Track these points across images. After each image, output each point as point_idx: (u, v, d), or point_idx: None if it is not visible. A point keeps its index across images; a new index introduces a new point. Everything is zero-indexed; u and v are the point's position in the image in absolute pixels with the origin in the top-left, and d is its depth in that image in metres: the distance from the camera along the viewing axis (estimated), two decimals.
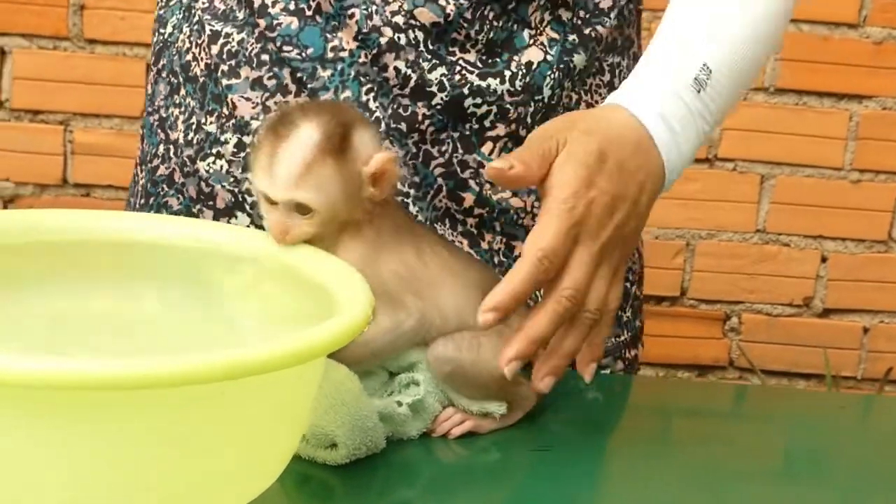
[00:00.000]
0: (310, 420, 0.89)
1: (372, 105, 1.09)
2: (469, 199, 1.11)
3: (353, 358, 0.95)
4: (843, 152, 2.36)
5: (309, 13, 1.09)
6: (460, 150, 1.10)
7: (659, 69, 1.01)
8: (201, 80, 1.14)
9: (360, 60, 1.08)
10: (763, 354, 2.44)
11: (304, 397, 0.82)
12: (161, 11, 1.21)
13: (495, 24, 1.08)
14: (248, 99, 1.11)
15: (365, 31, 1.07)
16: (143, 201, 1.20)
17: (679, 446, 1.06)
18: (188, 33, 1.15)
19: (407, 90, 1.08)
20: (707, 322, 2.43)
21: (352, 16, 1.08)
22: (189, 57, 1.15)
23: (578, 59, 1.12)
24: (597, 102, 1.14)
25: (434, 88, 1.08)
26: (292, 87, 1.10)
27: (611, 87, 1.16)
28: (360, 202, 0.95)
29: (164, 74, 1.18)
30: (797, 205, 2.38)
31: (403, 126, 1.09)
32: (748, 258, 2.40)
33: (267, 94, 1.11)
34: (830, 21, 2.31)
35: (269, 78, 1.11)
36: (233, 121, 1.12)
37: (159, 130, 1.18)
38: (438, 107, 1.08)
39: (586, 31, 1.13)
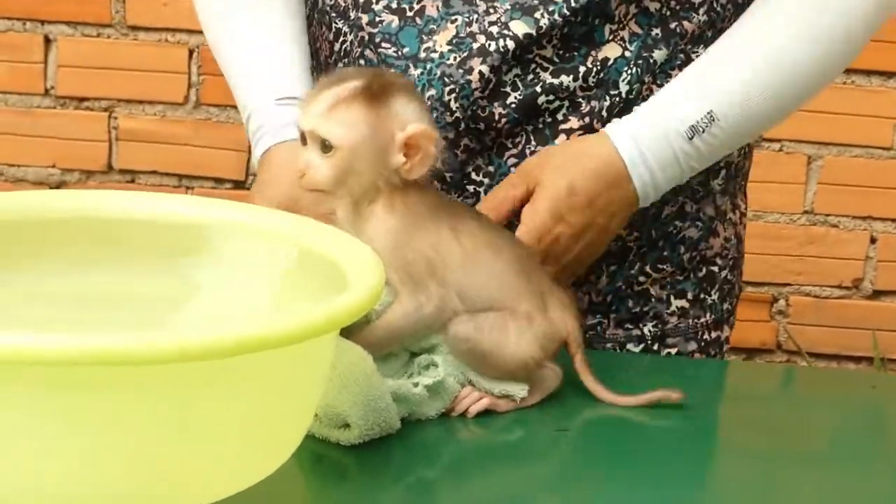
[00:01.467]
0: (322, 399, 0.88)
1: (453, 105, 1.11)
2: None
3: (372, 340, 0.94)
4: (891, 131, 2.32)
5: (410, 14, 1.12)
6: (534, 143, 1.12)
7: (660, 108, 1.08)
8: (324, 69, 1.19)
9: (448, 62, 1.10)
10: (811, 337, 2.40)
11: (315, 374, 0.81)
12: None
13: (572, 19, 1.09)
14: None
15: (462, 35, 1.10)
16: None
17: (726, 429, 1.05)
18: (317, 20, 1.20)
19: (487, 92, 1.10)
20: (754, 305, 2.41)
21: (454, 20, 1.10)
22: (318, 45, 1.20)
23: (659, 54, 1.12)
24: None
25: (508, 88, 1.10)
26: None
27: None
28: (386, 167, 0.95)
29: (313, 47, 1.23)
30: (845, 185, 2.34)
31: (482, 125, 1.11)
32: (796, 240, 2.37)
33: None
34: None
35: None
36: None
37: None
38: (513, 105, 1.10)
39: (672, 25, 1.13)
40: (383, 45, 1.12)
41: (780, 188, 2.35)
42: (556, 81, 1.10)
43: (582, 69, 1.10)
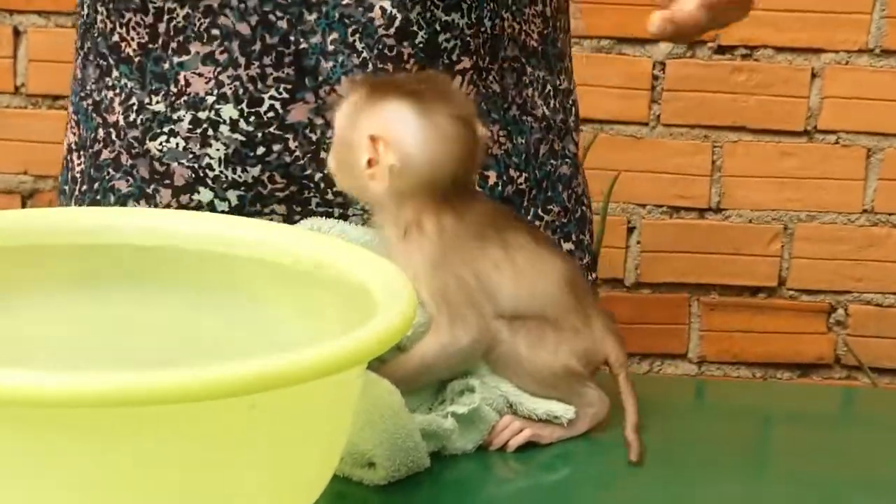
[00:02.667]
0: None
1: (358, 46, 1.16)
2: None
3: (403, 375, 0.96)
4: None
5: None
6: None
7: None
8: (137, 59, 1.20)
9: (344, 2, 1.15)
10: (873, 350, 2.41)
11: (343, 410, 0.82)
12: None
13: None
14: (199, 74, 1.18)
15: None
16: (84, 187, 1.26)
17: (780, 457, 1.06)
18: (106, 14, 1.22)
19: (392, 30, 1.16)
20: (809, 315, 2.42)
21: None
22: (116, 38, 1.21)
23: None
24: (533, 31, 1.25)
25: (415, 28, 1.16)
26: (241, 60, 1.16)
27: (544, 16, 1.26)
28: (358, 172, 1.00)
29: (90, 57, 1.25)
30: None
31: (390, 66, 1.17)
32: (854, 242, 2.38)
33: (219, 69, 1.17)
34: None
35: (221, 52, 1.17)
36: (184, 98, 1.18)
37: (94, 114, 1.25)
38: (420, 45, 1.17)
39: None
40: None
41: (836, 185, 2.36)
42: (448, 19, 1.18)
43: (464, 5, 1.18)
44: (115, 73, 1.22)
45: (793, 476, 1.01)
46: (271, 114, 1.16)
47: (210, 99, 1.17)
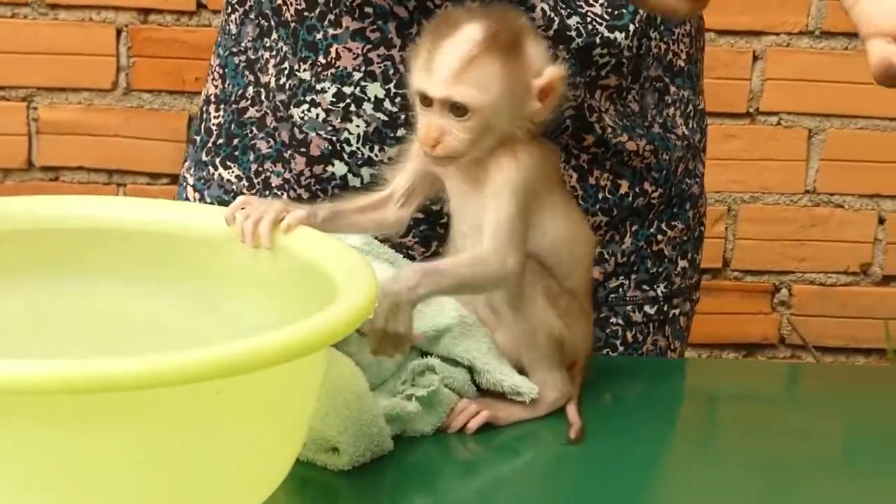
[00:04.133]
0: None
1: None
2: (590, 139, 1.20)
3: (444, 279, 0.97)
4: None
5: None
6: (587, 94, 1.18)
7: None
8: (293, 25, 1.21)
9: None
10: (817, 329, 2.44)
11: (306, 394, 0.83)
12: None
13: None
14: (349, 49, 1.18)
15: None
16: (221, 140, 1.26)
17: (727, 434, 1.07)
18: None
19: (550, 32, 1.15)
20: (754, 296, 2.44)
21: None
22: (280, 1, 1.21)
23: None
24: (681, 51, 1.26)
25: (573, 33, 1.16)
26: (397, 42, 1.16)
27: (691, 35, 1.27)
28: (521, 117, 1.00)
29: (251, 16, 1.25)
30: (850, 161, 2.38)
31: None
32: (797, 223, 2.41)
33: (370, 47, 1.17)
34: None
35: (373, 30, 1.17)
36: (331, 70, 1.18)
37: (247, 72, 1.26)
38: (575, 50, 1.16)
39: None
40: None
41: (778, 166, 2.38)
42: (611, 36, 1.17)
43: (632, 27, 1.18)
44: (275, 35, 1.22)
45: (738, 454, 1.02)
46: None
47: (357, 75, 1.17)
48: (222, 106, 1.28)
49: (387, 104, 1.17)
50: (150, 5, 2.29)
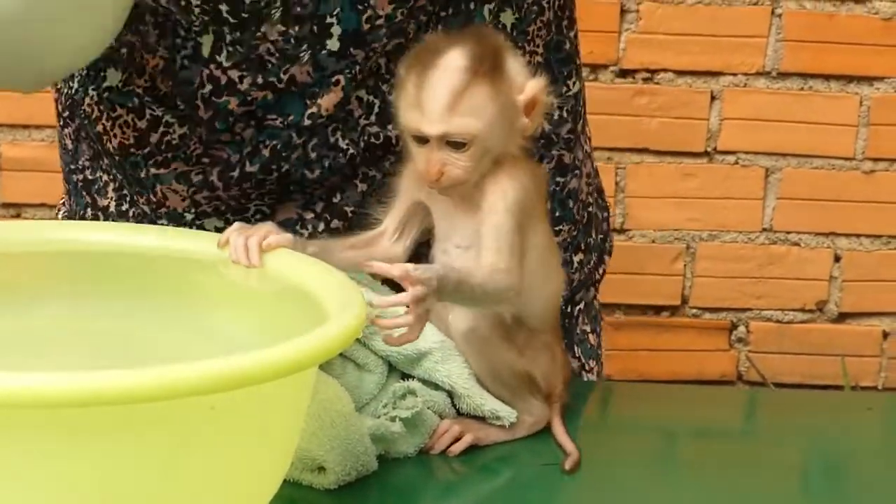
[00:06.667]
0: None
1: (341, 144, 1.14)
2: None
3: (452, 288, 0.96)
4: (853, 140, 2.39)
5: (281, 86, 1.12)
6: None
7: None
8: (116, 158, 1.17)
9: (342, 116, 1.13)
10: (775, 366, 2.46)
11: (296, 412, 0.84)
12: None
13: (443, 13, 1.13)
14: (175, 192, 1.16)
15: (350, 94, 1.12)
16: None
17: (688, 461, 1.09)
18: (96, 99, 1.17)
19: (373, 118, 1.14)
20: (711, 333, 2.46)
21: (336, 83, 1.12)
22: (100, 129, 1.17)
23: (506, 16, 1.17)
24: (538, 46, 1.19)
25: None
26: (218, 184, 1.14)
27: (548, 24, 1.20)
28: (513, 135, 1.00)
29: (83, 134, 1.20)
30: (806, 200, 2.41)
31: (379, 151, 1.15)
32: (754, 260, 2.43)
33: (193, 189, 1.15)
34: None
35: (197, 174, 1.15)
36: (164, 209, 1.16)
37: (84, 193, 1.22)
38: None
39: None
40: (269, 116, 1.13)
41: (736, 204, 2.40)
42: None
43: None
44: (106, 161, 1.19)
45: (700, 482, 1.04)
46: (259, 216, 1.15)
47: (188, 216, 1.16)
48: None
49: None
50: None
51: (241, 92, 1.12)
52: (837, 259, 2.44)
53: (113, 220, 1.19)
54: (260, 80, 1.11)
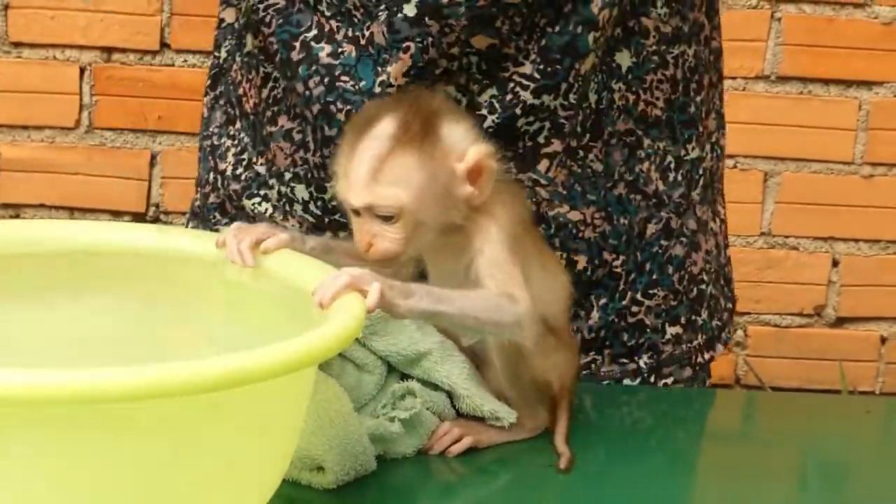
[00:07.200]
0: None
1: None
2: None
3: (455, 315, 0.95)
4: (852, 144, 2.40)
5: (363, 43, 1.13)
6: (514, 170, 1.14)
7: None
8: (251, 118, 1.21)
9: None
10: (772, 370, 2.46)
11: (297, 410, 0.84)
12: (215, 33, 1.27)
13: (549, 30, 1.12)
14: (281, 149, 1.18)
15: (420, 65, 1.12)
16: (192, 224, 1.28)
17: (686, 464, 1.09)
18: (240, 65, 1.22)
19: None
20: None
21: (406, 49, 1.12)
22: (241, 91, 1.22)
23: (621, 56, 1.16)
24: (657, 99, 1.18)
25: (485, 111, 1.13)
26: (311, 145, 1.15)
27: (673, 80, 1.19)
28: (454, 205, 0.96)
29: (221, 102, 1.26)
30: (805, 204, 2.41)
31: None
32: (752, 264, 2.43)
33: (294, 147, 1.17)
34: (835, 1, 2.35)
35: (298, 132, 1.17)
36: (273, 168, 1.19)
37: (210, 157, 1.26)
38: (490, 130, 1.12)
39: (630, 24, 1.16)
40: (342, 77, 1.14)
41: (734, 208, 2.37)
42: (537, 102, 1.12)
43: (564, 85, 1.13)
44: (238, 125, 1.23)
45: (699, 480, 1.05)
46: (335, 202, 1.11)
47: (287, 175, 1.17)
48: (198, 189, 1.28)
49: (312, 207, 1.17)
50: (114, 44, 2.30)
51: (336, 41, 1.13)
52: (836, 263, 2.44)
53: (228, 183, 1.23)
54: (350, 34, 1.13)
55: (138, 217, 2.34)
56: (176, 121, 2.32)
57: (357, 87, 1.13)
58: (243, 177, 1.22)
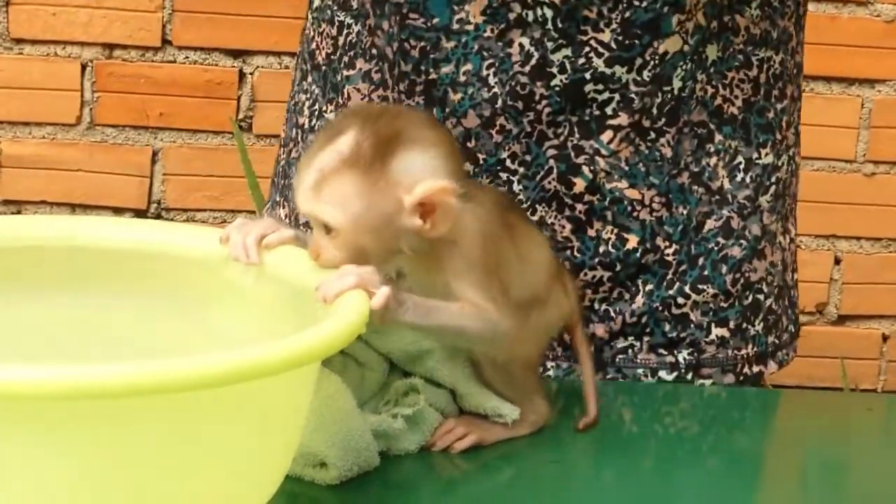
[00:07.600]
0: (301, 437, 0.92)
1: (491, 80, 1.14)
2: (580, 184, 1.17)
3: (439, 325, 0.96)
4: (855, 142, 2.40)
5: None
6: (577, 135, 1.16)
7: None
8: (323, 68, 1.24)
9: (486, 35, 1.14)
10: None
11: (300, 407, 0.85)
12: None
13: (635, 3, 1.13)
14: (358, 90, 1.21)
15: (495, 5, 1.13)
16: (283, 181, 1.30)
17: (687, 462, 1.09)
18: (311, 20, 1.27)
19: (527, 68, 1.14)
20: None
21: None
22: (314, 45, 1.26)
23: (711, 49, 1.17)
24: (736, 98, 1.19)
25: (554, 70, 1.14)
26: (390, 82, 1.18)
27: (755, 83, 1.20)
28: (401, 235, 0.93)
29: (298, 62, 1.31)
30: (806, 202, 2.37)
31: (520, 104, 1.15)
32: None
33: (372, 87, 1.20)
34: None
35: (376, 72, 1.19)
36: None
37: (292, 114, 1.30)
38: (557, 88, 1.14)
39: (725, 19, 1.18)
40: (411, 15, 1.15)
41: None
42: (608, 71, 1.14)
43: (639, 61, 1.14)
44: (310, 79, 1.26)
45: (704, 475, 1.05)
46: None
47: None
48: (283, 149, 1.32)
49: None
50: (116, 41, 2.30)
51: None
52: (838, 261, 2.44)
53: (306, 135, 1.26)
54: None
55: (140, 213, 2.34)
56: (177, 117, 2.32)
57: (429, 24, 1.15)
58: (316, 127, 1.25)
